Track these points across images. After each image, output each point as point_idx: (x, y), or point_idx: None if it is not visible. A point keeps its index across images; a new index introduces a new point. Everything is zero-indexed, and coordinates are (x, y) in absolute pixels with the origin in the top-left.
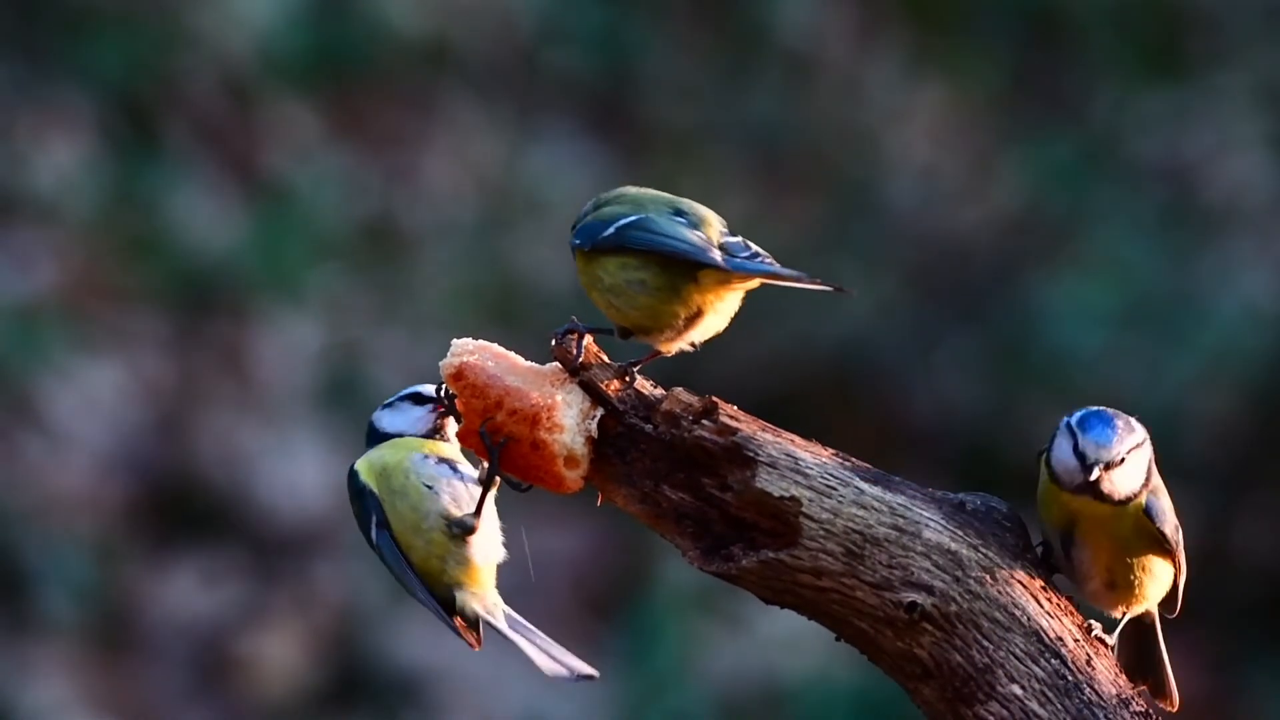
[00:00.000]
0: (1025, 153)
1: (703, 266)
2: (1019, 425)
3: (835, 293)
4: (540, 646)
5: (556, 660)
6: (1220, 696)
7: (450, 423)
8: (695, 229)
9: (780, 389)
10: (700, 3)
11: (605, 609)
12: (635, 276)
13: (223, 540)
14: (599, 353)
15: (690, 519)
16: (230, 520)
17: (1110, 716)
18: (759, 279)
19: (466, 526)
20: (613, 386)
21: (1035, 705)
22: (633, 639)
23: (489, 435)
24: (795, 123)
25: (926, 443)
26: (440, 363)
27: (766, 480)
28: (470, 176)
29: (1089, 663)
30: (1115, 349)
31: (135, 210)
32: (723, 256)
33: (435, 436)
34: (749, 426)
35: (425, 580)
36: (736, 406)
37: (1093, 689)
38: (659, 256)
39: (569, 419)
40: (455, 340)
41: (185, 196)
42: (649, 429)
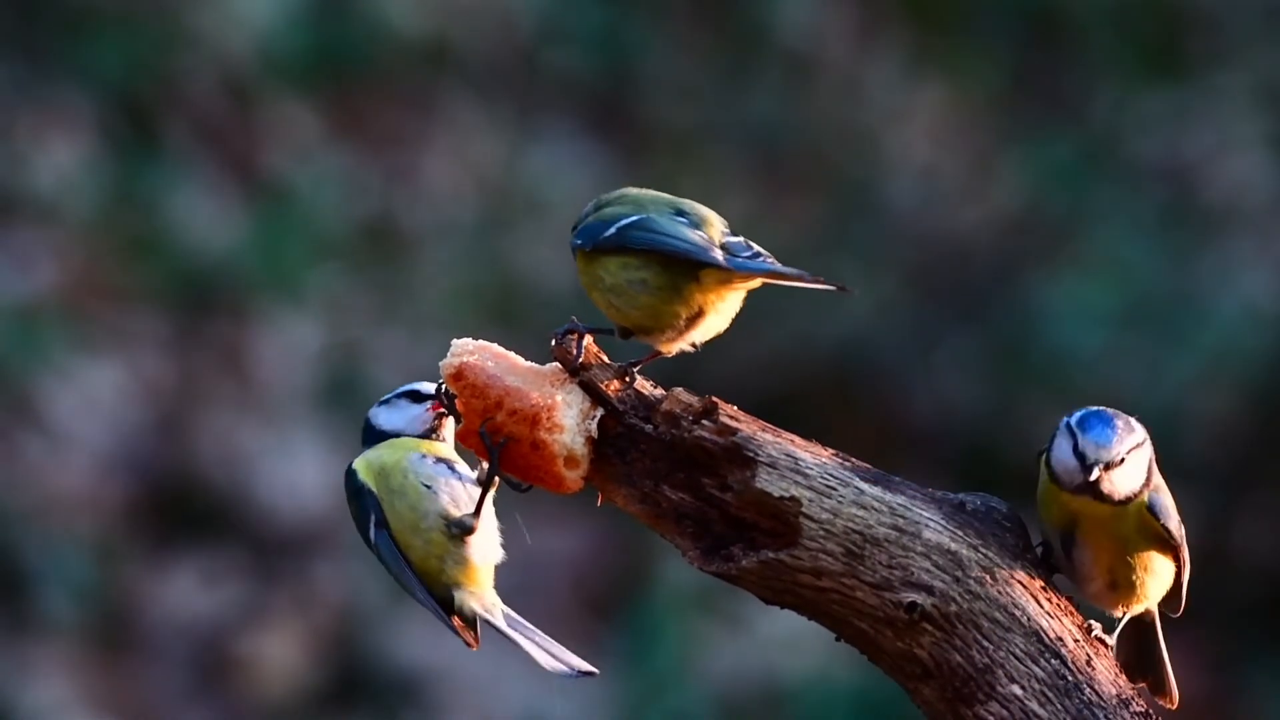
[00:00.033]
0: (1025, 153)
1: (704, 266)
2: (1019, 425)
3: (836, 292)
4: (539, 644)
5: (556, 658)
6: (1220, 696)
7: (447, 423)
8: (697, 229)
9: (780, 389)
10: (700, 3)
11: (605, 609)
12: (636, 276)
13: (223, 540)
14: (599, 353)
15: (690, 519)
16: (230, 520)
17: (1110, 717)
18: (761, 278)
19: (465, 526)
20: (613, 387)
21: (1035, 705)
22: (633, 639)
23: (489, 435)
24: (795, 123)
25: (926, 443)
26: (440, 363)
27: (766, 480)
28: (470, 176)
29: (1089, 663)
30: (1115, 349)
31: (135, 210)
32: (724, 256)
33: (431, 437)
34: (749, 426)
35: (424, 580)
36: (736, 406)
37: (1093, 689)
38: (660, 256)
39: (569, 419)
40: (455, 340)
41: (185, 196)
42: (649, 429)
